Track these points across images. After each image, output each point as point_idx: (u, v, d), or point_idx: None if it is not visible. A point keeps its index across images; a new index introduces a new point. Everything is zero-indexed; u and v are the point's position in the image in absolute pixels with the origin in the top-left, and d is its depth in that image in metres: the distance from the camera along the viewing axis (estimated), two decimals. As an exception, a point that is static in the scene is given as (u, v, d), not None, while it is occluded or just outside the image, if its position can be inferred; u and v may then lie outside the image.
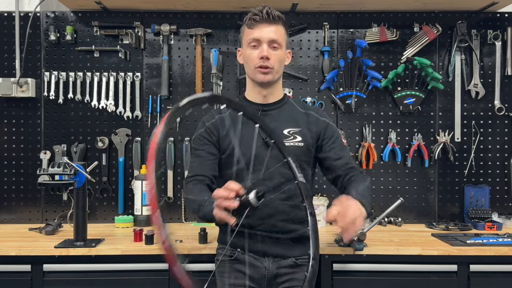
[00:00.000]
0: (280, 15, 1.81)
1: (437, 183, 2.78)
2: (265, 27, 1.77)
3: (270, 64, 1.78)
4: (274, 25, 1.78)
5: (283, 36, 1.82)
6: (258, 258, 1.81)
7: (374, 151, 2.72)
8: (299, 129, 1.83)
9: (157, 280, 2.14)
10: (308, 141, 1.83)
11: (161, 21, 2.73)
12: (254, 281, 1.81)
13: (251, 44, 1.79)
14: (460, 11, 2.76)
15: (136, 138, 2.73)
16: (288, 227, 1.76)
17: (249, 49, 1.80)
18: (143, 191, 2.59)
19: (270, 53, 1.77)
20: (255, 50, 1.79)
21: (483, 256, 2.13)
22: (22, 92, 2.64)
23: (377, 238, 2.31)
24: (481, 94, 2.76)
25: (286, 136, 1.82)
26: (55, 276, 2.13)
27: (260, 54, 1.77)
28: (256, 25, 1.78)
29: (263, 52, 1.76)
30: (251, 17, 1.79)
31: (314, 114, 1.90)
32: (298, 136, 1.82)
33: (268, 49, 1.77)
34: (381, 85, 2.73)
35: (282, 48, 1.81)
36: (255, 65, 1.79)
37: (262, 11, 1.77)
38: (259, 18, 1.77)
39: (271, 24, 1.78)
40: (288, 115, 1.86)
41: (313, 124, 1.87)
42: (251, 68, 1.82)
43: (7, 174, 2.72)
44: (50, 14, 2.73)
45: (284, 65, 1.87)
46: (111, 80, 2.72)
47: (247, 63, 1.83)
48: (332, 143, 1.87)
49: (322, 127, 1.88)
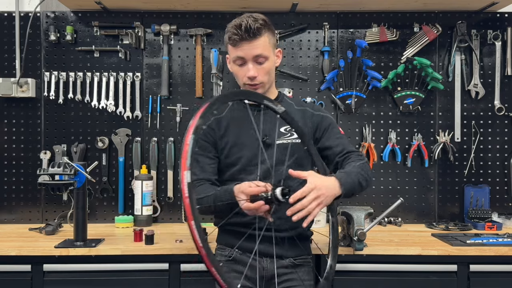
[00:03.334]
0: (262, 24, 1.74)
1: (437, 183, 2.78)
2: (247, 44, 1.72)
3: (258, 81, 1.77)
4: (256, 39, 1.73)
5: (267, 45, 1.77)
6: (256, 257, 1.80)
7: (374, 151, 2.73)
8: None
9: (157, 280, 2.14)
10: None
11: (161, 21, 2.73)
12: (252, 281, 1.81)
13: (236, 62, 1.78)
14: (460, 11, 2.76)
15: (136, 138, 2.73)
16: (286, 225, 1.75)
17: (235, 66, 1.79)
18: (143, 191, 2.59)
19: (257, 69, 1.75)
20: (242, 68, 1.77)
21: (483, 256, 2.13)
22: (22, 92, 2.64)
23: (377, 238, 2.31)
24: (481, 94, 2.76)
25: (283, 133, 1.83)
26: (55, 276, 2.13)
27: (247, 74, 1.76)
28: (238, 44, 1.73)
29: (249, 72, 1.75)
30: (231, 36, 1.74)
31: (309, 110, 1.91)
32: (295, 133, 1.82)
33: (254, 67, 1.75)
34: (381, 85, 2.73)
35: (269, 58, 1.78)
36: (244, 82, 1.80)
37: (241, 28, 1.71)
38: (239, 38, 1.72)
39: (253, 40, 1.72)
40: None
41: (308, 119, 1.88)
42: (240, 83, 1.83)
43: (7, 174, 2.72)
44: (50, 14, 2.73)
45: (276, 67, 1.86)
46: (111, 80, 2.72)
47: (236, 77, 1.84)
48: (328, 133, 1.88)
49: (317, 120, 1.89)
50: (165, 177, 2.75)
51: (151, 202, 2.64)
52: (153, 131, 2.75)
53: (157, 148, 2.74)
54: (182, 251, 2.13)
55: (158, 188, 2.75)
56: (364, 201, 2.74)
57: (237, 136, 1.82)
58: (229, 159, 1.82)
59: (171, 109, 2.75)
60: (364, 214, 2.15)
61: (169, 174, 2.74)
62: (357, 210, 2.17)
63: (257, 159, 1.76)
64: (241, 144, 1.81)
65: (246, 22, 1.71)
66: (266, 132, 1.81)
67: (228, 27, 1.78)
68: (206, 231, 2.20)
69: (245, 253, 1.81)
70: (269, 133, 1.81)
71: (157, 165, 2.74)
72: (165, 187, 2.75)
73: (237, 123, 1.84)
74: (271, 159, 1.75)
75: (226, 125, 1.85)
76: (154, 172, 2.73)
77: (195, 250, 1.21)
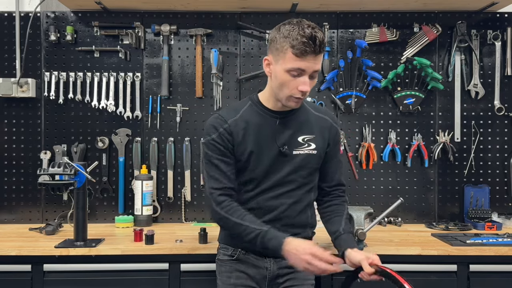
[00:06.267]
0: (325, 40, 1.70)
1: (437, 183, 2.78)
2: (313, 58, 1.62)
3: (306, 95, 1.70)
4: (320, 54, 1.65)
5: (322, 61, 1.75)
6: (259, 258, 1.81)
7: (374, 151, 2.73)
8: (313, 136, 1.80)
9: (157, 280, 2.14)
10: (321, 148, 1.82)
11: (161, 21, 2.73)
12: (255, 281, 1.82)
13: (292, 72, 1.64)
14: (460, 11, 2.76)
15: (136, 138, 2.73)
16: (290, 231, 1.77)
17: (288, 75, 1.65)
18: (143, 191, 2.59)
19: (310, 84, 1.67)
20: (295, 79, 1.65)
21: (483, 256, 2.14)
22: (22, 92, 2.64)
23: (377, 238, 2.31)
24: (481, 94, 2.76)
25: (300, 144, 1.78)
26: (55, 276, 2.13)
27: (302, 88, 1.65)
28: (304, 56, 1.61)
29: (305, 87, 1.65)
30: (300, 47, 1.60)
31: (328, 120, 1.86)
32: (312, 143, 1.80)
33: (309, 81, 1.66)
34: (381, 85, 2.73)
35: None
36: (292, 95, 1.67)
37: (315, 41, 1.59)
38: (310, 51, 1.60)
39: (318, 55, 1.64)
40: (303, 121, 1.81)
41: (327, 130, 1.84)
42: (284, 93, 1.68)
43: (7, 174, 2.73)
44: (50, 14, 2.73)
45: None
46: (111, 80, 2.72)
47: (281, 85, 1.68)
48: (334, 153, 1.88)
49: (333, 133, 1.86)
50: (165, 177, 2.75)
51: (151, 202, 2.64)
52: (153, 131, 2.75)
53: (157, 148, 2.74)
54: (182, 251, 2.13)
55: (158, 188, 2.75)
56: (364, 201, 2.75)
57: (255, 144, 1.75)
58: (246, 165, 1.78)
59: (171, 109, 2.75)
60: (364, 214, 2.16)
61: (169, 174, 2.74)
62: (357, 210, 2.17)
63: (274, 167, 1.76)
64: (259, 152, 1.76)
65: (319, 35, 1.61)
66: (284, 141, 1.77)
67: (292, 33, 1.61)
68: (206, 231, 2.21)
69: (249, 253, 1.81)
70: (288, 142, 1.77)
71: (157, 165, 2.74)
72: (165, 187, 2.75)
73: (255, 130, 1.76)
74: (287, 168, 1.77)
75: (244, 131, 1.76)
76: (154, 172, 2.73)
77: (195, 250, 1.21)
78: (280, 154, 1.76)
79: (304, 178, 1.81)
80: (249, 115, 1.78)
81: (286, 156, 1.77)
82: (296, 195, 1.80)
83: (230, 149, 1.76)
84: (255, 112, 1.79)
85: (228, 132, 1.75)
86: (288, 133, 1.77)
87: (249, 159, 1.76)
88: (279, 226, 1.76)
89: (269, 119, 1.77)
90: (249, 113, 1.79)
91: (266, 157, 1.76)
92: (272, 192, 1.78)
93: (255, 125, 1.77)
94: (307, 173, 1.81)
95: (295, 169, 1.78)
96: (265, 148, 1.76)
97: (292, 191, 1.80)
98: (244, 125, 1.76)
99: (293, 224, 1.81)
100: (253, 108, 1.80)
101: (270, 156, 1.76)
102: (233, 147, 1.76)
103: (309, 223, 1.88)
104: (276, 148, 1.76)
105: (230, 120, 1.76)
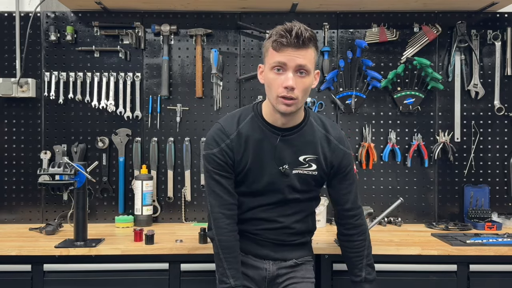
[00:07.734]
0: (312, 35, 1.60)
1: (437, 183, 2.78)
2: (293, 51, 1.57)
3: (295, 95, 1.60)
4: (303, 49, 1.57)
5: (312, 60, 1.62)
6: (258, 260, 1.82)
7: (374, 151, 2.73)
8: (315, 156, 1.76)
9: (157, 280, 2.14)
10: (322, 169, 1.78)
11: (161, 21, 2.73)
12: (254, 282, 1.82)
13: (275, 67, 1.60)
14: (460, 11, 2.76)
15: (136, 138, 2.73)
16: (291, 238, 1.80)
17: (273, 73, 1.61)
18: (143, 191, 2.59)
19: (296, 81, 1.58)
20: (279, 76, 1.60)
21: (483, 256, 2.14)
22: (22, 92, 2.64)
23: (377, 238, 2.31)
24: (480, 94, 2.76)
25: (301, 163, 1.75)
26: (55, 276, 2.13)
27: (285, 83, 1.58)
28: (282, 49, 1.57)
29: (288, 82, 1.57)
30: (277, 39, 1.57)
31: (334, 141, 1.79)
32: (314, 164, 1.76)
33: (294, 77, 1.58)
34: (381, 85, 2.73)
35: (310, 74, 1.62)
36: (278, 94, 1.61)
37: (291, 33, 1.55)
38: (286, 42, 1.56)
39: (300, 49, 1.57)
40: (307, 140, 1.76)
41: (331, 152, 1.78)
42: (273, 95, 1.64)
43: (7, 174, 2.73)
44: (50, 14, 2.73)
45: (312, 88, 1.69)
46: (111, 80, 2.72)
47: (269, 87, 1.64)
48: (344, 176, 1.82)
49: (339, 156, 1.79)
50: (165, 177, 2.75)
51: (151, 202, 2.64)
52: (153, 131, 2.75)
53: (157, 148, 2.74)
54: (182, 251, 2.13)
55: (158, 188, 2.75)
56: (364, 201, 2.74)
57: (254, 161, 1.73)
58: (244, 179, 1.76)
59: (171, 109, 2.75)
60: (364, 214, 2.16)
61: (169, 174, 2.74)
62: (357, 210, 2.17)
63: (274, 185, 1.75)
64: (259, 170, 1.74)
65: (298, 28, 1.56)
66: (285, 160, 1.74)
67: (273, 31, 1.61)
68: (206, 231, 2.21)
69: (248, 255, 1.82)
70: (288, 161, 1.74)
71: (157, 165, 2.74)
72: (165, 187, 2.75)
73: (254, 146, 1.73)
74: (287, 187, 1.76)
75: (244, 146, 1.73)
76: (154, 172, 2.73)
77: (195, 250, 1.21)
78: (279, 173, 1.74)
79: (305, 193, 1.80)
80: (250, 129, 1.74)
81: (285, 175, 1.75)
82: (297, 206, 1.81)
83: (230, 165, 1.73)
84: (257, 126, 1.74)
85: (229, 148, 1.72)
86: (288, 152, 1.74)
87: (248, 174, 1.74)
88: (280, 236, 1.77)
89: (270, 135, 1.73)
90: (250, 127, 1.74)
91: (265, 175, 1.74)
92: (270, 206, 1.78)
93: (255, 141, 1.73)
94: (307, 189, 1.80)
95: (295, 188, 1.77)
96: (264, 165, 1.74)
97: (292, 204, 1.80)
98: (245, 139, 1.72)
99: (292, 233, 1.82)
100: (254, 121, 1.75)
101: (269, 174, 1.74)
102: (233, 163, 1.73)
103: (308, 230, 1.88)
104: (275, 167, 1.74)
105: (232, 136, 1.72)
